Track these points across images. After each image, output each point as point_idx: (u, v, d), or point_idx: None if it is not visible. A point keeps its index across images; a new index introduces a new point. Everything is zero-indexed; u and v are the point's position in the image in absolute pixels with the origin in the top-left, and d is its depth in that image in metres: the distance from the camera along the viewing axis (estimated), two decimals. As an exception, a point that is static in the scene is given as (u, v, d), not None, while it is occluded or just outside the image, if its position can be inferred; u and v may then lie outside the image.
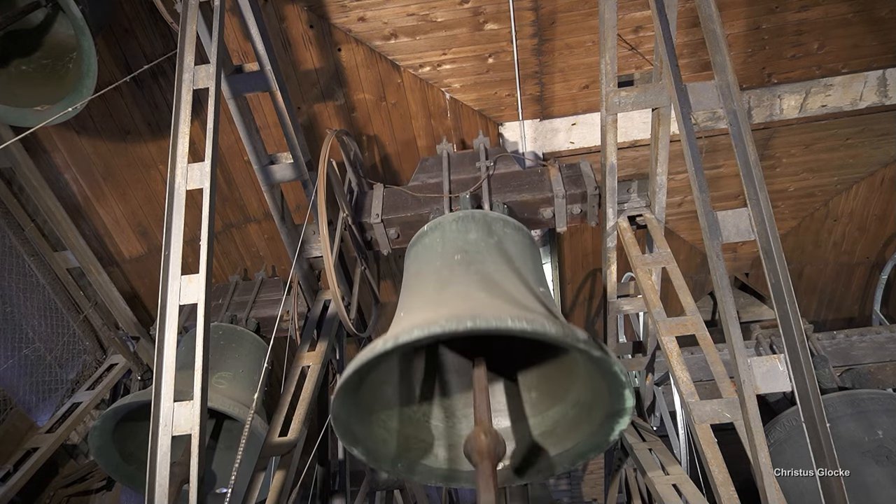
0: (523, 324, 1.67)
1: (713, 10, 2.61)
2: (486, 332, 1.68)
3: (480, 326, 1.66)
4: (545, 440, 2.29)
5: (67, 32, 4.40)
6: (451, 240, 3.04)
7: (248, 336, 4.61)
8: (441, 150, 4.30)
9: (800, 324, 2.24)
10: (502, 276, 2.59)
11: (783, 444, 4.01)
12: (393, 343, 1.72)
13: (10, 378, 5.38)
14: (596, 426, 2.10)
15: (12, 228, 5.58)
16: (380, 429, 2.25)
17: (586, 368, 2.13)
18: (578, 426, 2.21)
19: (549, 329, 1.67)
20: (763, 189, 2.40)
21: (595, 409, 2.11)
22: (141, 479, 3.99)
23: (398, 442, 2.29)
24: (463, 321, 1.66)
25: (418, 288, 2.73)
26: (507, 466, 2.28)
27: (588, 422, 2.15)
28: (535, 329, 1.67)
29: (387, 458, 2.24)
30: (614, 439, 2.06)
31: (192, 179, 2.56)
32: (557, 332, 1.68)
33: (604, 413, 2.04)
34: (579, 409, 2.22)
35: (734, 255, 6.79)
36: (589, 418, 2.15)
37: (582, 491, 10.37)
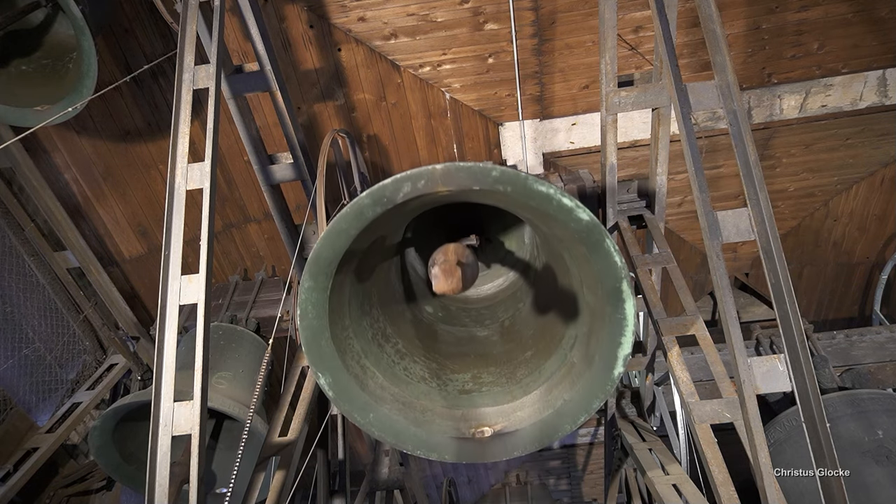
0: (507, 171, 1.56)
1: (713, 10, 2.61)
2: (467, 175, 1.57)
3: (461, 165, 1.55)
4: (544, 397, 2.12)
5: (67, 32, 4.40)
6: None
7: (248, 336, 4.61)
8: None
9: (800, 324, 2.24)
10: None
11: (783, 444, 4.00)
12: (368, 193, 1.59)
13: (10, 378, 5.38)
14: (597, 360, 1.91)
15: (12, 228, 5.58)
16: (353, 361, 2.04)
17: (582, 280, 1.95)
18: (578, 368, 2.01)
19: (532, 179, 1.56)
20: (763, 189, 2.40)
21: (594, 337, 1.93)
22: (141, 479, 3.99)
23: (373, 387, 2.08)
24: (443, 166, 1.55)
25: None
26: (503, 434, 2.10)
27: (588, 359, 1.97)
28: (517, 177, 1.55)
29: (357, 401, 2.01)
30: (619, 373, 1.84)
31: (192, 179, 2.55)
32: (541, 183, 1.56)
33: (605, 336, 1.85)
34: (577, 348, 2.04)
35: (734, 255, 6.79)
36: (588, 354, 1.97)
37: (582, 491, 10.37)
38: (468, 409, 2.19)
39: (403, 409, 2.12)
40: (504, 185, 1.58)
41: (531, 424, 2.07)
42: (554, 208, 1.61)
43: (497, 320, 2.67)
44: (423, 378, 2.27)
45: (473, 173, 1.57)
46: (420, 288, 2.74)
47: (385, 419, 2.06)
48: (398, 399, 2.14)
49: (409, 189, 1.59)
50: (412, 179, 1.58)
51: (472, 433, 2.11)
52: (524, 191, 1.59)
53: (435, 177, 1.57)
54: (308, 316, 1.83)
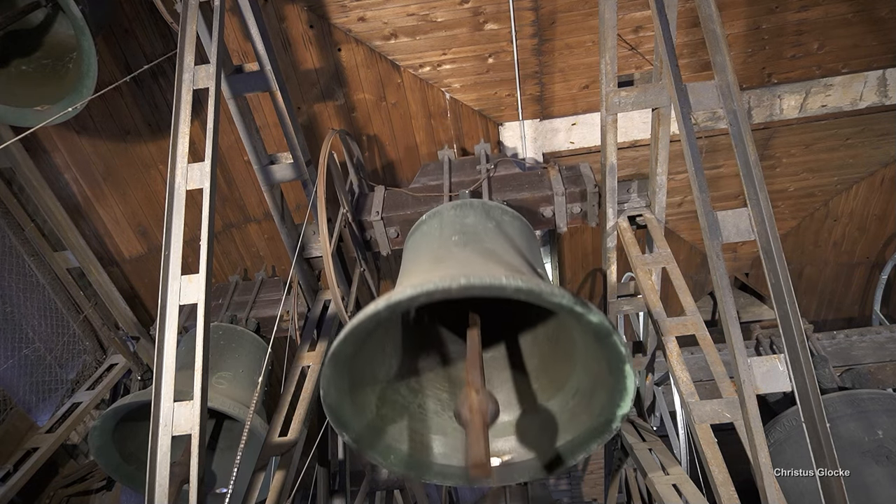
0: (518, 282, 1.61)
1: (713, 10, 2.61)
2: (481, 289, 1.63)
3: (474, 283, 1.61)
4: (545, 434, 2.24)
5: (67, 32, 4.40)
6: (448, 223, 3.01)
7: (248, 336, 4.61)
8: (442, 156, 4.33)
9: (800, 324, 2.24)
10: (499, 251, 2.55)
11: (783, 444, 4.01)
12: (386, 303, 1.66)
13: (10, 378, 5.38)
14: (597, 415, 2.04)
15: (12, 228, 5.58)
16: (372, 415, 2.18)
17: (585, 349, 2.06)
18: (579, 416, 2.14)
19: (545, 289, 1.62)
20: (763, 189, 2.40)
21: (595, 396, 2.05)
22: (141, 479, 3.99)
23: (392, 432, 2.22)
24: (457, 279, 1.61)
25: (414, 265, 2.68)
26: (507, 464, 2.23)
27: (589, 412, 2.09)
28: (531, 288, 1.61)
29: (379, 447, 2.17)
30: (616, 427, 1.98)
31: (192, 179, 2.56)
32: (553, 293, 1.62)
33: (604, 398, 1.98)
34: (579, 399, 2.17)
35: (734, 255, 6.79)
36: (589, 408, 2.10)
37: (582, 491, 10.37)
38: None
39: (420, 445, 2.27)
40: (519, 296, 1.66)
41: (535, 458, 2.21)
42: (566, 311, 1.72)
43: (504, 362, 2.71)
44: (435, 412, 2.39)
45: (489, 287, 1.63)
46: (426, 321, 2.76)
47: (404, 457, 2.21)
48: (414, 437, 2.28)
49: (424, 300, 1.67)
50: (428, 294, 1.64)
51: None
52: (538, 300, 1.67)
53: (451, 292, 1.63)
54: (330, 394, 1.96)
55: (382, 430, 2.20)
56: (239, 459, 2.47)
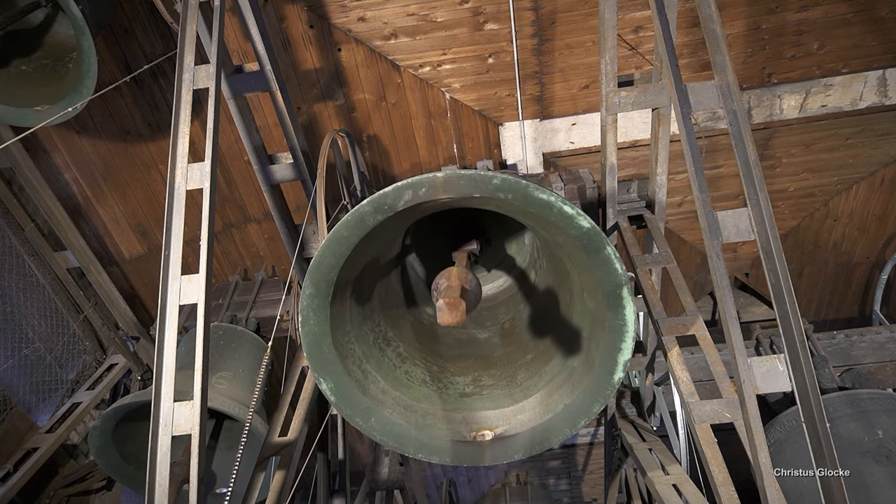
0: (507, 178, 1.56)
1: (713, 10, 2.61)
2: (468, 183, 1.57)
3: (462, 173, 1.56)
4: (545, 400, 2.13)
5: (67, 32, 4.40)
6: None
7: (248, 336, 4.61)
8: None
9: (800, 324, 2.24)
10: None
11: (783, 444, 4.00)
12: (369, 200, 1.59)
13: (10, 378, 5.38)
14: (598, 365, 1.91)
15: (12, 228, 5.58)
16: (354, 366, 2.05)
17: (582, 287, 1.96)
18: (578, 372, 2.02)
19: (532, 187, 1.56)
20: (763, 189, 2.40)
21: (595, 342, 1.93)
22: (141, 479, 3.99)
23: (374, 392, 2.10)
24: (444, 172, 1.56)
25: None
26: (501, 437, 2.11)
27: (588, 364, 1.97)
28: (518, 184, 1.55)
29: (358, 405, 2.03)
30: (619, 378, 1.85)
31: (192, 179, 2.55)
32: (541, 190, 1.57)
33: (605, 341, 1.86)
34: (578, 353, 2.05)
35: (734, 255, 6.79)
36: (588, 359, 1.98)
37: (582, 491, 10.37)
38: (469, 413, 2.20)
39: (405, 412, 2.13)
40: (505, 193, 1.59)
41: (531, 428, 2.08)
42: (555, 215, 1.62)
43: (497, 322, 2.67)
44: (423, 381, 2.28)
45: (474, 181, 1.57)
46: (420, 290, 2.74)
47: (386, 423, 2.07)
48: (399, 403, 2.15)
49: (410, 196, 1.59)
50: (413, 187, 1.58)
51: (472, 437, 2.12)
52: (525, 198, 1.59)
53: (436, 184, 1.57)
54: (309, 322, 1.84)
55: (365, 389, 2.08)
56: (239, 459, 2.46)
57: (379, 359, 2.20)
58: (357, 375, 2.06)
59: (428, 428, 2.13)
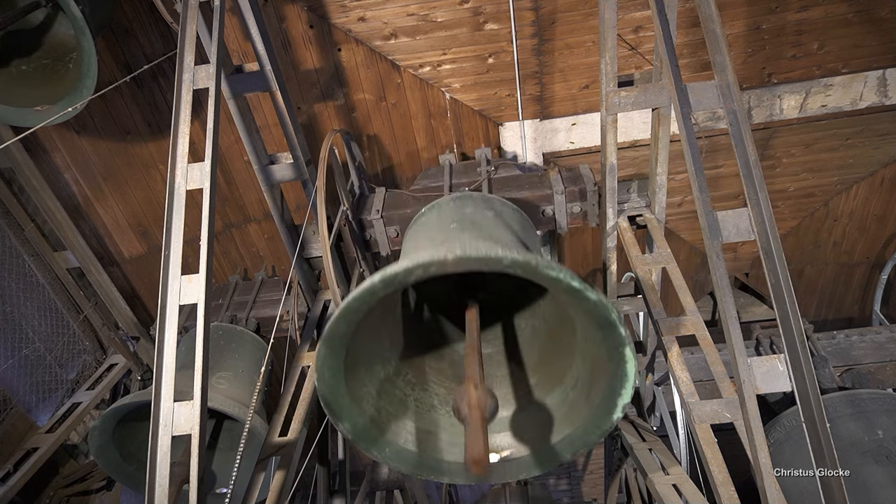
0: (514, 255, 1.59)
1: (713, 10, 2.61)
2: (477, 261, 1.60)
3: (470, 255, 1.58)
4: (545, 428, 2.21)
5: (67, 32, 4.40)
6: (447, 213, 3.00)
7: (248, 336, 4.61)
8: (444, 160, 4.35)
9: (800, 324, 2.24)
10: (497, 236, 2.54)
11: (783, 444, 4.00)
12: (380, 277, 1.64)
13: (10, 378, 5.38)
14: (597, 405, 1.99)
15: (12, 228, 5.58)
16: (368, 405, 2.14)
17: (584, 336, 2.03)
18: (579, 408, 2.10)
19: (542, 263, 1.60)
20: (763, 189, 2.40)
21: (595, 385, 2.01)
22: (141, 479, 3.99)
23: (389, 425, 2.19)
24: (452, 250, 1.59)
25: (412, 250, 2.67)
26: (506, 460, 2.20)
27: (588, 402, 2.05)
28: (528, 261, 1.59)
29: (374, 440, 2.13)
30: (617, 417, 1.93)
31: (192, 179, 2.56)
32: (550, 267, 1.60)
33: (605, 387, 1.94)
34: (579, 389, 2.13)
35: (734, 255, 6.79)
36: (589, 398, 2.05)
37: (582, 491, 10.37)
38: None
39: (417, 440, 2.24)
40: (515, 269, 1.64)
41: (535, 452, 2.19)
42: (563, 288, 1.69)
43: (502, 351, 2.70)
44: (432, 406, 2.37)
45: (485, 261, 1.62)
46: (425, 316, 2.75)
47: (400, 451, 2.18)
48: (412, 431, 2.26)
49: (420, 273, 1.65)
50: (423, 267, 1.63)
51: None
52: (535, 275, 1.65)
53: (446, 264, 1.61)
54: (325, 378, 1.93)
55: (379, 423, 2.17)
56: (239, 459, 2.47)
57: (390, 392, 2.28)
58: (371, 414, 2.16)
59: (439, 452, 2.24)
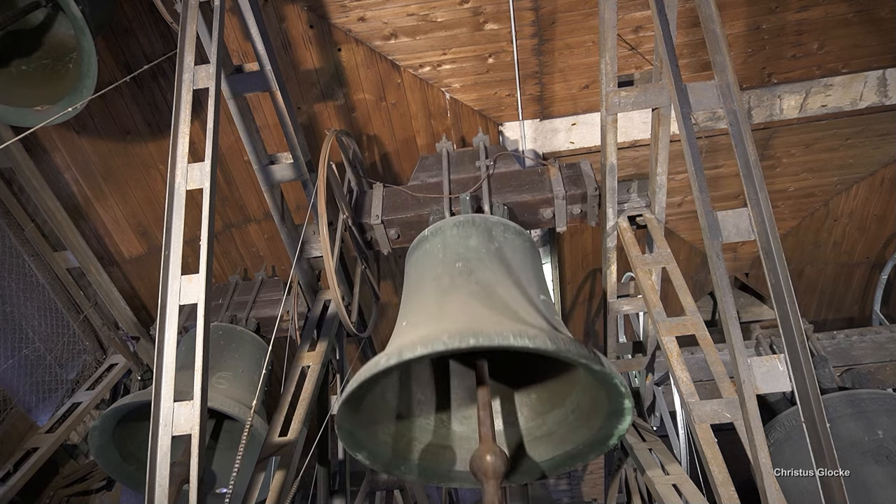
0: (525, 340, 1.70)
1: (713, 10, 2.61)
2: (488, 348, 1.73)
3: (483, 344, 1.70)
4: (544, 442, 2.31)
5: (67, 32, 4.39)
6: (451, 246, 3.05)
7: (248, 336, 4.61)
8: (441, 149, 4.29)
9: (800, 324, 2.24)
10: (503, 287, 2.60)
11: (783, 444, 4.01)
12: (396, 360, 1.78)
13: (10, 378, 5.38)
14: (595, 431, 2.12)
15: (12, 228, 5.58)
16: (383, 434, 2.29)
17: (586, 376, 2.14)
18: (577, 430, 2.23)
19: (550, 345, 1.72)
20: (763, 189, 2.40)
21: (594, 415, 2.14)
22: (141, 479, 3.99)
23: (401, 445, 2.32)
24: (465, 338, 1.70)
25: (420, 296, 2.75)
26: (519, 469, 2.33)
27: (587, 427, 2.17)
28: (537, 346, 1.71)
29: (389, 460, 2.27)
30: (613, 444, 2.08)
31: (192, 179, 2.56)
32: (558, 348, 1.72)
33: (603, 419, 2.08)
34: (578, 415, 2.24)
35: (734, 255, 6.79)
36: (588, 423, 2.17)
37: (582, 491, 10.37)
38: None
39: (428, 455, 2.38)
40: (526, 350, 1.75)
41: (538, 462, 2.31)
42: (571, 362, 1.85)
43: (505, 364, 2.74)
44: (441, 422, 2.50)
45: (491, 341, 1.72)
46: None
47: (415, 467, 2.33)
48: (424, 447, 2.39)
49: (426, 353, 1.76)
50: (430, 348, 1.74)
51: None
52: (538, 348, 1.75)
53: (451, 345, 1.72)
54: (344, 426, 2.09)
55: (392, 446, 2.31)
56: (239, 459, 2.46)
57: (404, 416, 2.42)
58: (387, 440, 2.31)
59: (450, 463, 2.38)
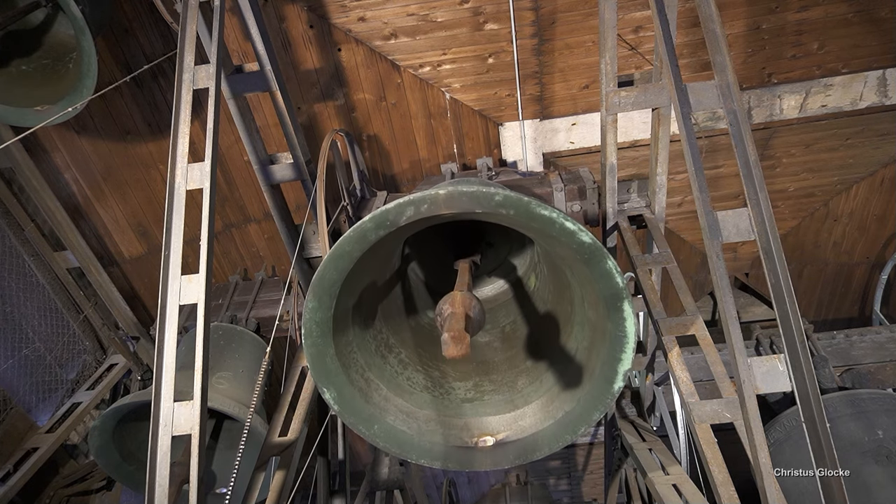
0: (508, 193, 1.57)
1: (713, 10, 2.61)
2: (469, 199, 1.58)
3: (463, 189, 1.56)
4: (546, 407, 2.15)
5: (67, 32, 4.40)
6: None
7: (248, 336, 4.61)
8: (445, 169, 4.37)
9: (800, 324, 2.24)
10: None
11: (783, 444, 4.00)
12: (371, 217, 1.61)
13: (10, 378, 5.38)
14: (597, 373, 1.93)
15: (12, 228, 5.58)
16: (357, 375, 2.08)
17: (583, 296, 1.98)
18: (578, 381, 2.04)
19: (534, 203, 1.58)
20: (763, 189, 2.40)
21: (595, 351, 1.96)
22: (141, 479, 3.99)
23: (377, 400, 2.12)
24: (445, 188, 1.57)
25: None
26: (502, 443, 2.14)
27: (589, 373, 2.00)
28: (521, 200, 1.57)
29: (361, 413, 2.05)
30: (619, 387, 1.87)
31: (192, 179, 2.56)
32: (543, 206, 1.59)
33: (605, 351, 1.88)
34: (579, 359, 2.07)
35: (734, 255, 6.79)
36: (589, 367, 2.00)
37: (582, 491, 10.37)
38: (470, 419, 2.22)
39: (407, 419, 2.16)
40: (507, 209, 1.60)
41: (532, 434, 2.10)
42: (557, 231, 1.64)
43: (497, 325, 2.67)
44: (425, 387, 2.30)
45: (476, 198, 1.58)
46: (421, 295, 2.74)
47: (389, 430, 2.10)
48: (402, 410, 2.17)
49: (412, 213, 1.60)
50: (415, 204, 1.59)
51: (474, 442, 2.13)
52: (527, 214, 1.61)
53: (438, 201, 1.58)
54: (312, 335, 1.86)
55: (367, 398, 2.10)
56: (239, 459, 2.46)
57: (381, 366, 2.21)
58: (360, 384, 2.08)
59: (430, 434, 2.15)
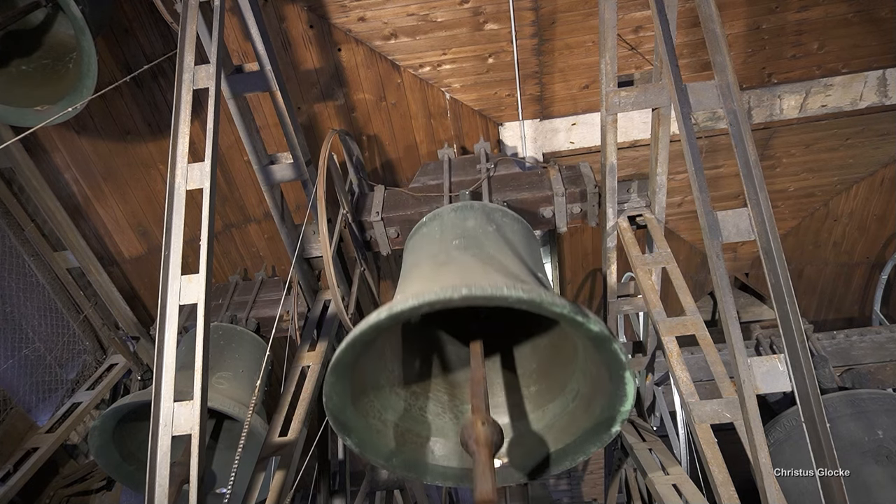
0: (520, 293, 1.61)
1: (713, 10, 2.61)
2: (483, 300, 1.63)
3: (476, 294, 1.61)
4: (545, 436, 2.25)
5: (67, 32, 4.39)
6: (449, 227, 3.01)
7: (248, 336, 4.61)
8: (442, 155, 4.33)
9: (800, 324, 2.24)
10: (500, 257, 2.55)
11: (783, 444, 4.00)
12: (387, 313, 1.67)
13: (10, 378, 5.38)
14: (597, 417, 2.04)
15: (12, 228, 5.58)
16: (374, 419, 2.19)
17: (585, 355, 2.07)
18: (579, 419, 2.15)
19: (545, 299, 1.62)
20: (763, 189, 2.40)
21: (595, 400, 2.06)
22: (141, 479, 3.99)
23: (394, 435, 2.24)
24: (458, 289, 1.61)
25: (415, 271, 2.68)
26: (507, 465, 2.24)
27: (588, 414, 2.10)
28: (532, 298, 1.61)
29: (381, 451, 2.18)
30: (616, 431, 1.99)
31: (192, 179, 2.56)
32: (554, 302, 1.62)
33: (604, 402, 1.99)
34: (579, 402, 2.17)
35: (734, 255, 6.79)
36: (589, 410, 2.10)
37: (582, 491, 10.37)
38: None
39: (422, 448, 2.29)
40: (520, 305, 1.66)
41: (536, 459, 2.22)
42: (567, 321, 1.72)
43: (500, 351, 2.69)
44: (437, 413, 2.40)
45: (491, 297, 1.64)
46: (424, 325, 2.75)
47: (408, 460, 2.23)
48: (417, 440, 2.30)
49: (426, 310, 1.67)
50: (430, 303, 1.65)
51: None
52: (540, 309, 1.67)
53: (453, 300, 1.63)
54: (333, 400, 1.97)
55: (384, 434, 2.21)
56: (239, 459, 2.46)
57: (395, 404, 2.32)
58: (378, 427, 2.20)
59: (445, 459, 2.28)
